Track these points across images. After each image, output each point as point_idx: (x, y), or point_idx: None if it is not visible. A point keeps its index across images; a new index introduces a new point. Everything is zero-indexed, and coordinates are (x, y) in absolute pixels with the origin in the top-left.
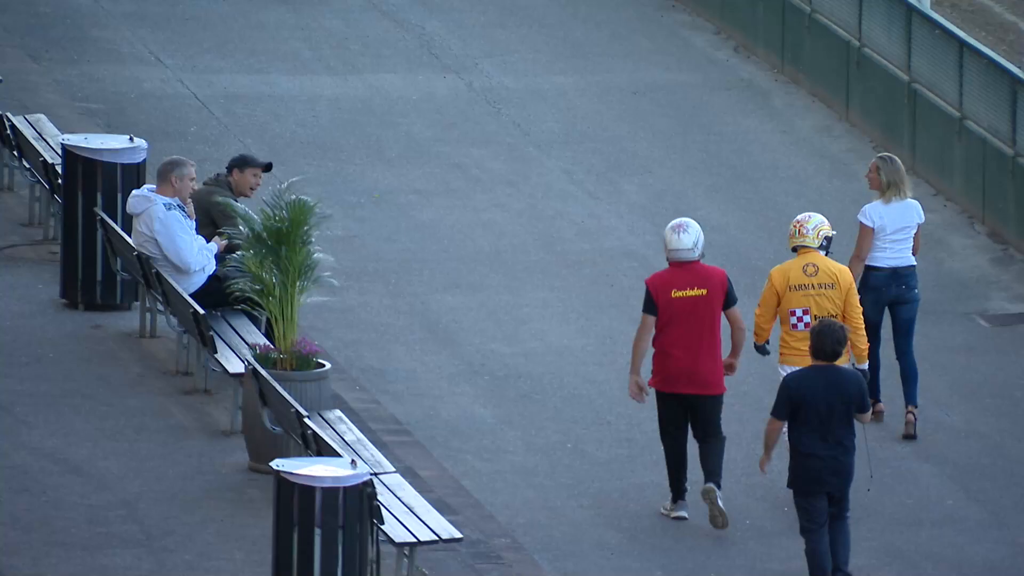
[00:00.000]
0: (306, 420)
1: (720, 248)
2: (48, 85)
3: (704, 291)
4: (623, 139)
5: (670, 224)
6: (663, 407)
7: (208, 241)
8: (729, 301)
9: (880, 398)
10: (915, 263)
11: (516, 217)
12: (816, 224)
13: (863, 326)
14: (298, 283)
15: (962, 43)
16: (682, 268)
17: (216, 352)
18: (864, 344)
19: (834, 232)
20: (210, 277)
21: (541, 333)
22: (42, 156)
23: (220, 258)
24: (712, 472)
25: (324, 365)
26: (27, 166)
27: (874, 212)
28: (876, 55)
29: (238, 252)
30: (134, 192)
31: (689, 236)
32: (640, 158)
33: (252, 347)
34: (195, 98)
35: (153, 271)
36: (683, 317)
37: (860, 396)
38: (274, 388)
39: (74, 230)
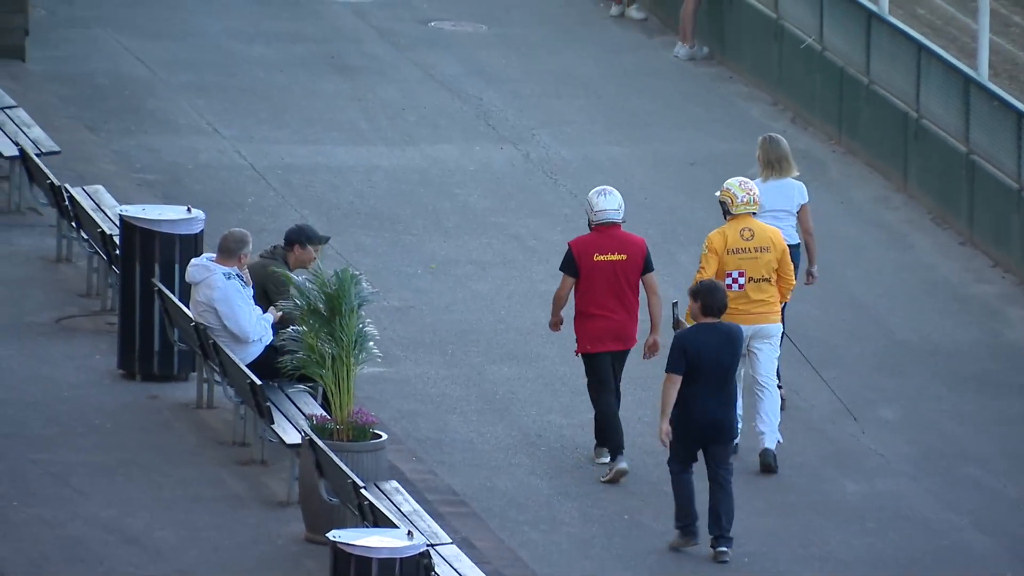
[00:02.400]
0: (363, 491)
1: None
2: (106, 156)
3: (624, 256)
4: (679, 209)
5: (593, 190)
6: (597, 366)
7: (264, 312)
8: (647, 267)
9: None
10: (798, 242)
11: None
12: (753, 192)
13: (793, 286)
14: (353, 354)
15: (1020, 114)
16: (606, 232)
17: (273, 423)
18: (787, 298)
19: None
20: (267, 348)
21: (585, 408)
22: (100, 227)
23: (276, 329)
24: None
25: (381, 436)
26: (85, 237)
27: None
28: (934, 126)
29: (293, 326)
30: (193, 261)
31: (614, 198)
32: (696, 228)
33: (309, 418)
34: (252, 168)
35: (210, 341)
36: (604, 280)
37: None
38: (331, 459)
39: (132, 301)
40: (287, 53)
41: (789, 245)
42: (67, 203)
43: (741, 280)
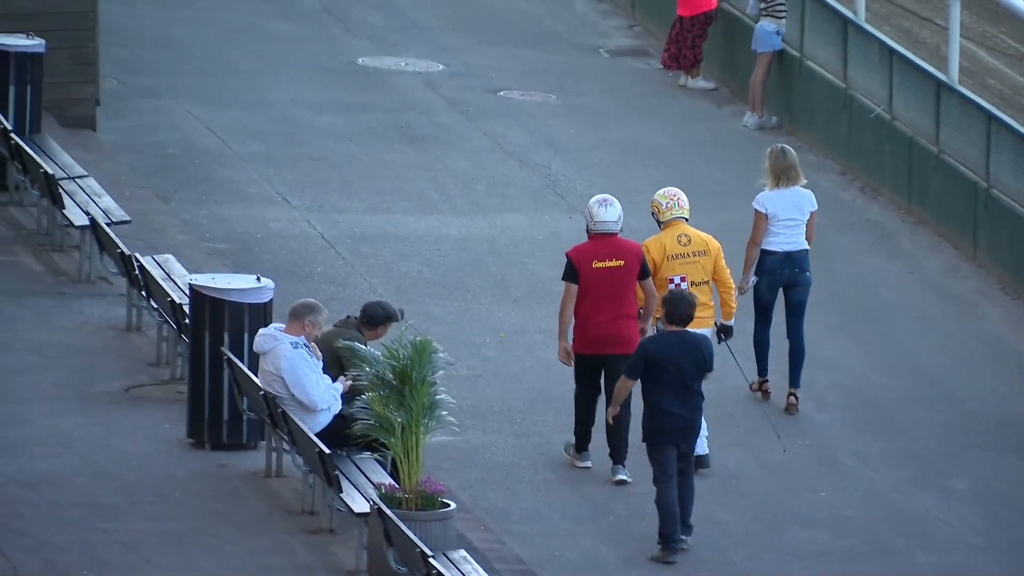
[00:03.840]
0: (431, 560)
1: (844, 388)
2: (176, 225)
3: (622, 262)
4: None
5: (594, 198)
6: (583, 368)
7: (334, 381)
8: (643, 273)
9: (768, 376)
10: (808, 248)
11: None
12: (685, 199)
13: (733, 287)
14: (422, 423)
15: None
16: (603, 240)
17: (341, 491)
18: (734, 303)
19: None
20: (336, 417)
21: None
22: (170, 296)
23: (346, 398)
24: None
25: (449, 505)
26: (155, 306)
27: (767, 199)
28: (1004, 196)
29: (364, 394)
30: (261, 331)
31: (614, 210)
32: None
33: (377, 487)
34: (321, 238)
35: (279, 410)
36: (602, 286)
37: (709, 357)
38: (399, 528)
39: (201, 370)
40: (357, 123)
41: (800, 251)
42: (137, 272)
43: (684, 285)
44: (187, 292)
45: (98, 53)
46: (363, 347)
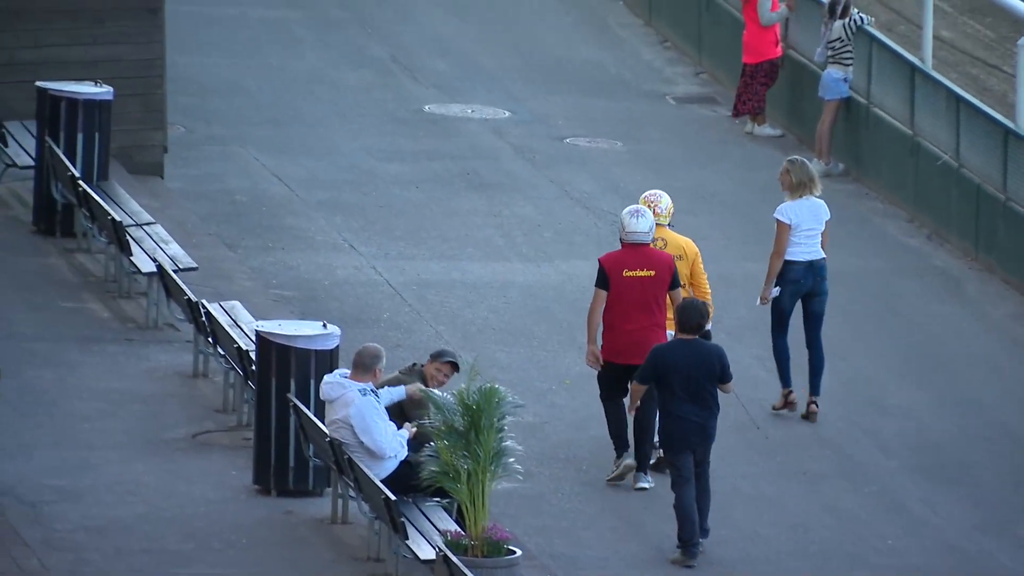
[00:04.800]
0: None
1: (911, 435)
2: (243, 272)
3: (652, 272)
4: None
5: (627, 209)
6: (609, 375)
7: (400, 428)
8: (674, 283)
9: (791, 386)
10: (825, 256)
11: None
12: (667, 204)
13: (709, 291)
14: (489, 469)
15: None
16: (634, 250)
17: (407, 538)
18: (712, 309)
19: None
20: (402, 463)
21: (733, 521)
22: (236, 343)
23: (412, 445)
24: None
25: (515, 552)
26: (222, 352)
27: (789, 210)
28: None
29: (431, 442)
30: (327, 378)
31: (646, 220)
32: (832, 344)
33: (443, 533)
34: (388, 285)
35: (345, 457)
36: (632, 294)
37: (722, 367)
38: (465, 575)
39: (267, 416)
40: (424, 170)
41: (820, 260)
42: (204, 319)
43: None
44: (254, 339)
45: (166, 101)
46: (436, 392)
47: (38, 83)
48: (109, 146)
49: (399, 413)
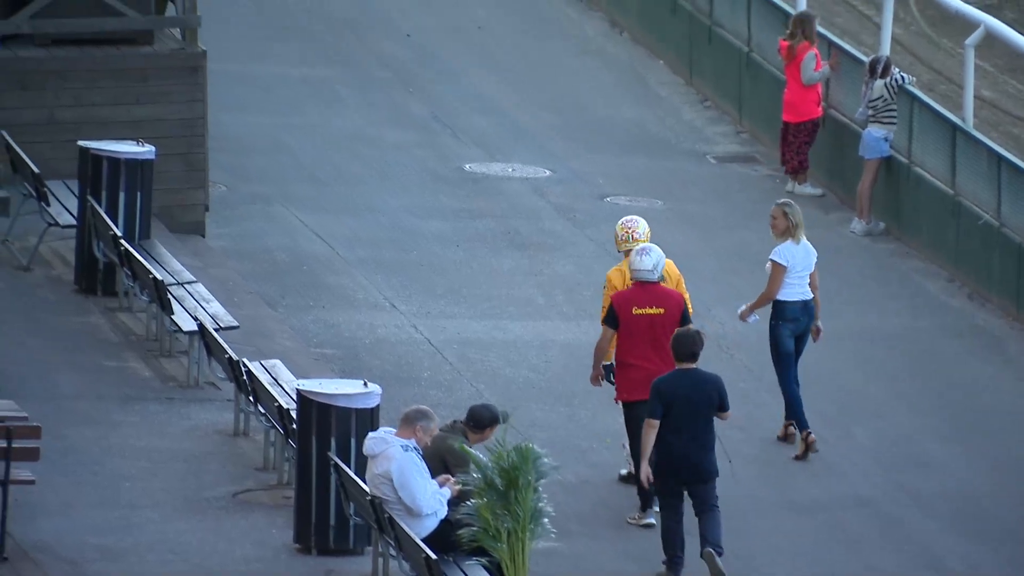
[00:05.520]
0: None
1: (951, 494)
2: (284, 331)
3: (662, 310)
4: (854, 383)
5: (635, 248)
6: (632, 414)
7: (441, 486)
8: (684, 320)
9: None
10: (812, 296)
11: (748, 462)
12: (644, 228)
13: (691, 312)
14: (528, 528)
15: None
16: (643, 288)
17: None
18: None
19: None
20: (442, 521)
21: None
22: (277, 401)
23: (452, 503)
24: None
25: None
26: (263, 411)
27: (787, 252)
28: None
29: (471, 500)
30: (371, 434)
31: (650, 259)
32: (872, 403)
33: None
34: (428, 343)
35: (386, 515)
36: (642, 331)
37: (720, 396)
38: None
39: (308, 475)
40: (465, 228)
41: (811, 300)
42: (245, 377)
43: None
44: (295, 397)
45: (207, 159)
46: (472, 450)
47: (80, 142)
48: (151, 205)
49: (440, 470)
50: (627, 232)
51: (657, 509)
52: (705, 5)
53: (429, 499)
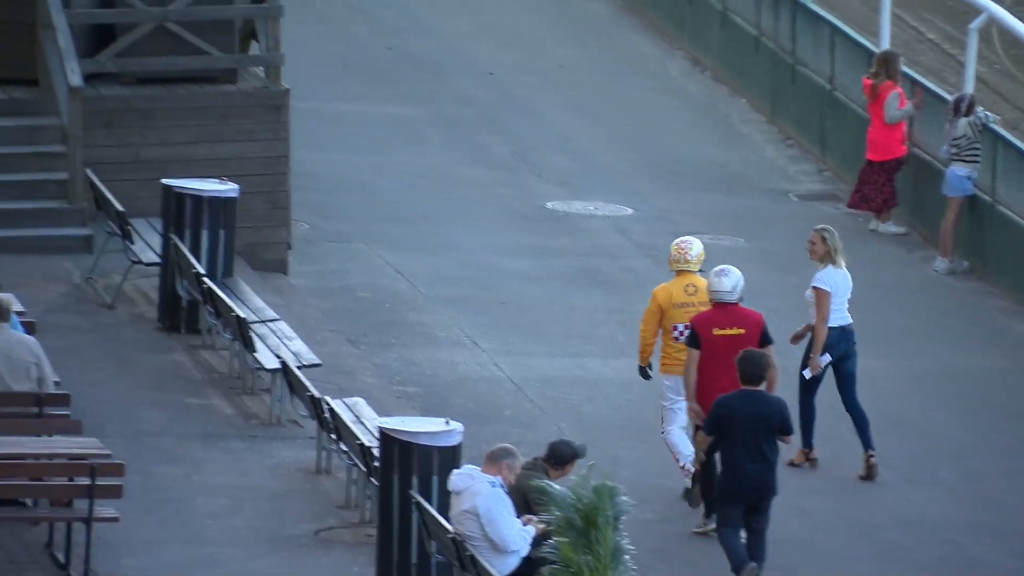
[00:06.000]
0: None
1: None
2: (366, 369)
3: (742, 330)
4: (936, 423)
5: (713, 269)
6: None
7: (524, 524)
8: (764, 341)
9: (812, 446)
10: (852, 321)
11: (831, 503)
12: (698, 251)
13: None
14: (610, 566)
15: None
16: (723, 309)
17: None
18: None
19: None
20: (524, 560)
21: None
22: (359, 439)
23: (534, 541)
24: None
25: None
26: (345, 449)
27: (829, 278)
28: None
29: (552, 538)
30: (457, 470)
31: (729, 280)
32: (953, 443)
33: None
34: (510, 381)
35: (468, 553)
36: (723, 352)
37: (781, 418)
38: None
39: (390, 512)
40: (546, 267)
41: (850, 325)
42: (327, 415)
43: (687, 332)
44: (376, 435)
45: (290, 197)
46: (555, 487)
47: (164, 180)
48: (234, 243)
49: (522, 508)
50: (681, 252)
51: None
52: (788, 43)
53: (515, 536)
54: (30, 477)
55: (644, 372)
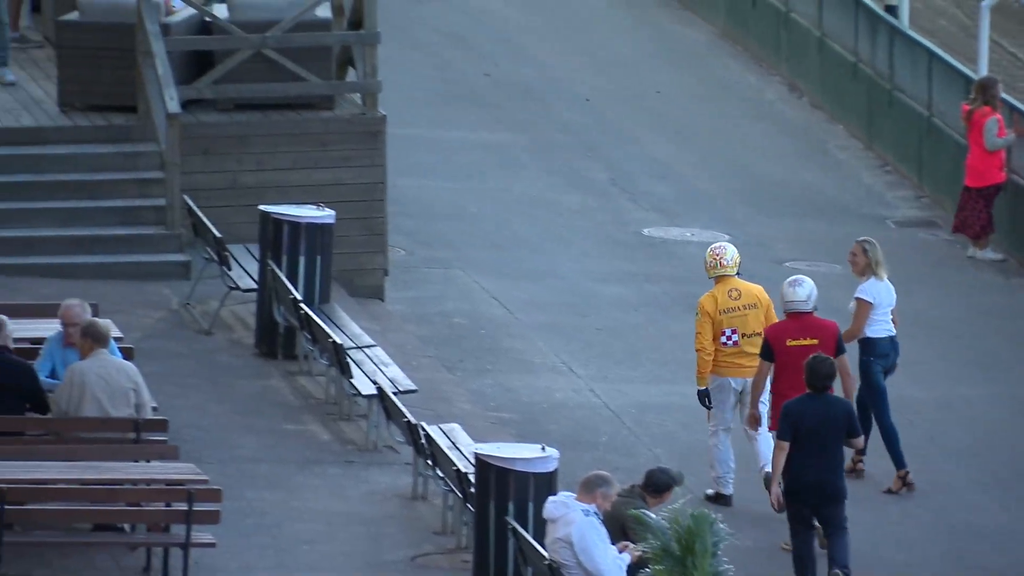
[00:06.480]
0: None
1: None
2: (462, 395)
3: (816, 340)
4: None
5: (787, 279)
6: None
7: (620, 552)
8: (839, 350)
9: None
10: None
11: (926, 529)
12: (732, 254)
13: None
14: None
15: None
16: (797, 319)
17: None
18: None
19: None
20: None
21: None
22: (456, 465)
23: (631, 569)
24: None
25: None
26: (441, 475)
27: (873, 289)
28: None
29: (648, 566)
30: (552, 498)
31: (803, 289)
32: None
33: None
34: (606, 407)
35: None
36: (797, 363)
37: (849, 422)
38: None
39: (486, 539)
40: (643, 293)
41: (893, 336)
42: (423, 441)
43: (735, 337)
44: (472, 461)
45: (387, 224)
46: (651, 516)
47: (261, 206)
48: (330, 269)
49: (618, 536)
50: (715, 259)
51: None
52: (885, 70)
53: (610, 564)
54: (128, 502)
55: (705, 399)
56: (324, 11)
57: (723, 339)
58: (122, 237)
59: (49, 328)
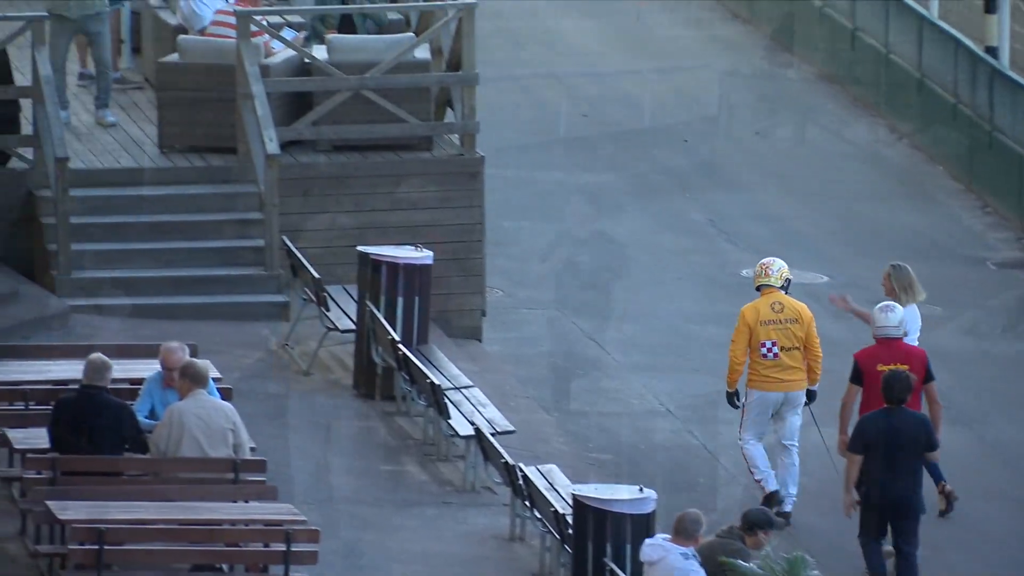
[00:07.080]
0: None
1: None
2: (560, 436)
3: (906, 366)
4: None
5: (878, 305)
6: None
7: None
8: (928, 377)
9: (943, 477)
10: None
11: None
12: (779, 267)
13: (821, 356)
14: None
15: None
16: (887, 345)
17: None
18: (820, 371)
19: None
20: None
21: None
22: (553, 506)
23: None
24: None
25: None
26: (539, 516)
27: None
28: None
29: None
30: (648, 541)
31: (895, 315)
32: None
33: None
34: (704, 448)
35: None
36: None
37: (926, 435)
38: None
39: None
40: None
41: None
42: (521, 482)
43: (775, 349)
44: (570, 502)
45: (485, 264)
46: (744, 563)
47: (359, 247)
48: (429, 310)
49: (719, 574)
50: (763, 269)
51: (886, 545)
52: (986, 111)
53: None
54: (226, 543)
55: (732, 399)
56: (423, 52)
57: (763, 351)
58: (221, 278)
59: (149, 368)
